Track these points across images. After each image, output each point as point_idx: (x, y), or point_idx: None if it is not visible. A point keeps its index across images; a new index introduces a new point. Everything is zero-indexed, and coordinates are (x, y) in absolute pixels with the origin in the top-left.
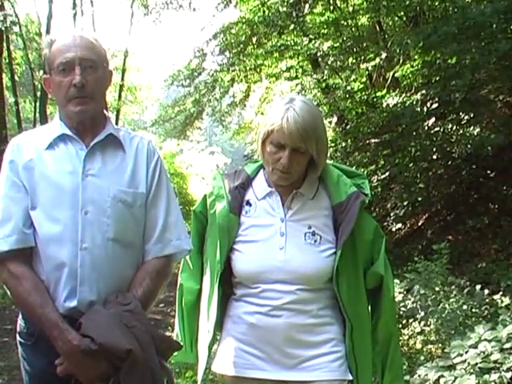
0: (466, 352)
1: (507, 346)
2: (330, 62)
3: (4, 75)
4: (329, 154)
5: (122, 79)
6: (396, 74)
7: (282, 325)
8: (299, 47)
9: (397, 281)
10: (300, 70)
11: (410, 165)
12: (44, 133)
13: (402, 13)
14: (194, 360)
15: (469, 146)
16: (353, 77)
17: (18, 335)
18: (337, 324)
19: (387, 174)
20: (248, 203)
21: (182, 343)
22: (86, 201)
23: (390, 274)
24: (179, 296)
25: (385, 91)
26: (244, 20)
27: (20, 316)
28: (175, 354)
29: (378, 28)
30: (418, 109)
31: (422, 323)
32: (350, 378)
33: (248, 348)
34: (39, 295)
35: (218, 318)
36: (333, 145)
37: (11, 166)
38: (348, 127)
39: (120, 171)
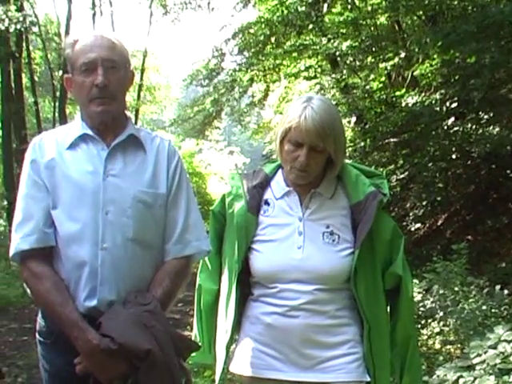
0: (485, 352)
1: None
2: (348, 62)
3: (23, 75)
4: (347, 154)
5: (141, 79)
6: (415, 73)
7: (298, 325)
8: (318, 47)
9: (416, 281)
10: (319, 70)
11: (429, 164)
12: (65, 132)
13: (421, 12)
14: (212, 361)
15: (488, 145)
16: (371, 76)
17: (37, 334)
18: (355, 325)
19: (406, 173)
20: (266, 202)
21: (200, 344)
22: (106, 201)
23: (409, 275)
24: (197, 297)
25: (404, 91)
26: (262, 20)
27: (39, 315)
28: (193, 354)
29: (396, 27)
30: (437, 108)
31: (441, 323)
32: (368, 379)
33: (265, 348)
34: (59, 294)
35: (235, 318)
36: (352, 144)
37: (33, 165)
38: (367, 127)
39: (141, 172)
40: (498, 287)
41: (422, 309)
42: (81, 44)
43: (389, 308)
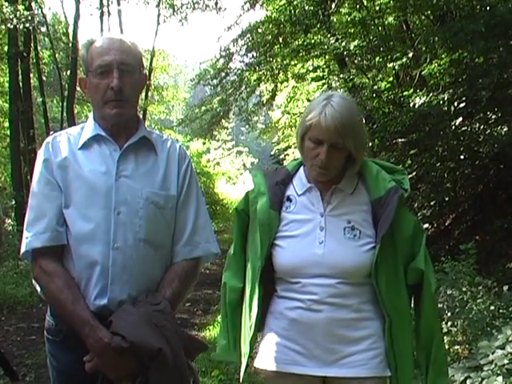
0: (493, 353)
1: None
2: (356, 62)
3: (31, 75)
4: None
5: (149, 79)
6: (423, 73)
7: (322, 319)
8: (326, 46)
9: None
10: (327, 70)
11: (438, 164)
12: (78, 132)
13: (429, 11)
14: (237, 359)
15: (496, 145)
16: (379, 76)
17: (45, 332)
18: (377, 319)
19: (414, 173)
20: (288, 199)
21: (207, 344)
22: (118, 201)
23: (431, 269)
24: (223, 295)
25: (412, 90)
26: (270, 19)
27: (48, 313)
28: (219, 352)
29: (404, 27)
30: (445, 108)
31: (449, 324)
32: (389, 374)
33: (289, 343)
34: (71, 292)
35: (258, 315)
36: None
37: (46, 164)
38: (375, 127)
39: (152, 173)
40: (506, 287)
41: None
42: (97, 46)
43: (412, 303)
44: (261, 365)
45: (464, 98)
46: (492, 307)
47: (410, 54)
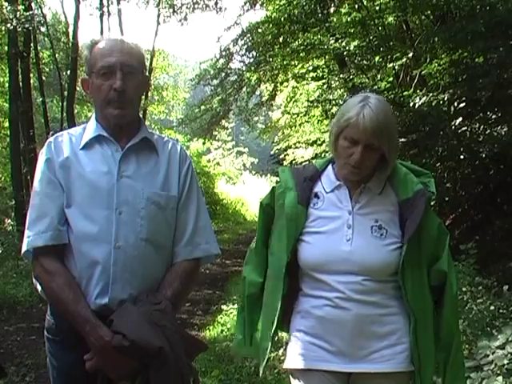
0: (493, 353)
1: None
2: (356, 62)
3: (31, 75)
4: None
5: (149, 79)
6: (423, 73)
7: (350, 317)
8: (325, 46)
9: None
10: (327, 70)
11: (437, 164)
12: (80, 133)
13: (429, 11)
14: (255, 353)
15: (496, 145)
16: (379, 76)
17: (45, 331)
18: (401, 314)
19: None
20: (316, 195)
21: (208, 345)
22: (120, 201)
23: (454, 272)
24: (242, 289)
25: (411, 90)
26: (270, 19)
27: (48, 312)
28: (236, 347)
29: (404, 27)
30: (445, 108)
31: None
32: (413, 368)
33: (317, 341)
34: (72, 291)
35: (281, 310)
36: None
37: (48, 163)
38: None
39: (153, 174)
40: (506, 287)
41: None
42: (100, 47)
43: (434, 305)
44: (290, 364)
45: (464, 98)
46: (492, 307)
47: (410, 54)
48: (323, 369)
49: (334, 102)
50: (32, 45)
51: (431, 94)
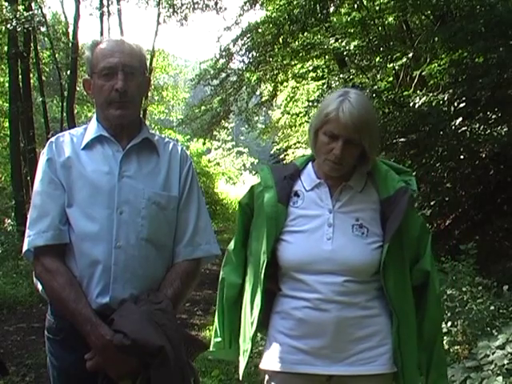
0: (493, 353)
1: None
2: (356, 62)
3: (31, 75)
4: None
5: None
6: (423, 73)
7: (331, 319)
8: (325, 46)
9: None
10: (326, 70)
11: (437, 164)
12: (81, 133)
13: (429, 11)
14: (234, 357)
15: (496, 145)
16: (379, 76)
17: (46, 331)
18: (383, 315)
19: (414, 173)
20: (296, 194)
21: (207, 344)
22: (121, 201)
23: (436, 271)
24: (220, 290)
25: (411, 90)
26: (270, 19)
27: (49, 312)
28: (213, 350)
29: (404, 27)
30: (445, 108)
31: (449, 324)
32: (396, 370)
33: (297, 343)
34: (73, 290)
35: (261, 311)
36: None
37: (49, 163)
38: None
39: (154, 174)
40: (505, 287)
41: None
42: (102, 48)
43: (415, 304)
44: (267, 366)
45: (464, 98)
46: (492, 307)
47: (410, 54)
48: (302, 372)
49: None
50: (32, 45)
51: (431, 94)
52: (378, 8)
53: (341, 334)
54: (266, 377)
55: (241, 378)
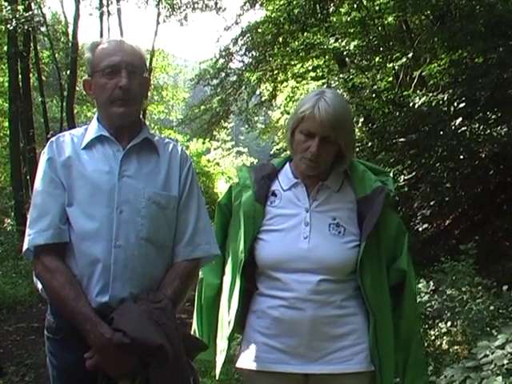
0: (493, 353)
1: None
2: (356, 62)
3: (31, 75)
4: (355, 154)
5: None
6: (423, 73)
7: (306, 318)
8: (325, 46)
9: (423, 281)
10: (326, 70)
11: (437, 165)
12: (81, 133)
13: (429, 11)
14: (211, 357)
15: (496, 145)
16: (379, 76)
17: (45, 330)
18: (360, 314)
19: (414, 173)
20: (273, 193)
21: (206, 344)
22: (121, 200)
23: (413, 270)
24: (199, 291)
25: (411, 90)
26: (270, 19)
27: (48, 311)
28: None
29: (404, 27)
30: (445, 108)
31: (449, 324)
32: (373, 368)
33: (272, 342)
34: (73, 289)
35: (238, 311)
36: (359, 144)
37: (49, 163)
38: (374, 127)
39: (154, 174)
40: (505, 287)
41: (429, 309)
42: (103, 47)
43: (393, 304)
44: (243, 364)
45: (463, 98)
46: (492, 307)
47: (410, 54)
48: (279, 371)
49: None
50: (32, 45)
51: (431, 94)
52: (377, 8)
53: (316, 333)
54: (244, 377)
55: (217, 377)
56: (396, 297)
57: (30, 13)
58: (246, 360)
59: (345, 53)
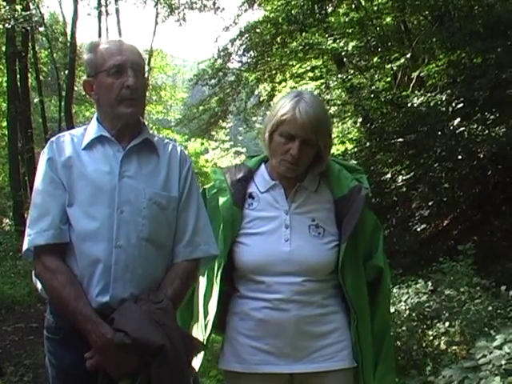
0: (491, 353)
1: None
2: (354, 62)
3: (29, 75)
4: (354, 154)
5: (147, 79)
6: (421, 74)
7: (290, 318)
8: (324, 47)
9: (421, 281)
10: (325, 70)
11: (436, 165)
12: (81, 133)
13: (427, 12)
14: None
15: (494, 145)
16: (377, 76)
17: (45, 330)
18: (341, 312)
19: (412, 174)
20: (251, 196)
21: (206, 344)
22: (122, 201)
23: (388, 267)
24: None
25: (410, 91)
26: (268, 19)
27: (48, 311)
28: None
29: (402, 27)
30: (443, 108)
31: (447, 324)
32: (355, 364)
33: (257, 344)
34: (73, 289)
35: (217, 313)
36: (358, 144)
37: (50, 163)
38: (373, 127)
39: (155, 175)
40: (503, 288)
41: (427, 309)
42: (106, 47)
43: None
44: (227, 366)
45: (462, 99)
46: (490, 307)
47: (408, 55)
48: (265, 372)
49: (332, 102)
50: (30, 44)
51: (429, 95)
52: (376, 8)
53: (300, 333)
54: (227, 379)
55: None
56: (371, 292)
57: (29, 12)
58: (230, 362)
59: (343, 53)
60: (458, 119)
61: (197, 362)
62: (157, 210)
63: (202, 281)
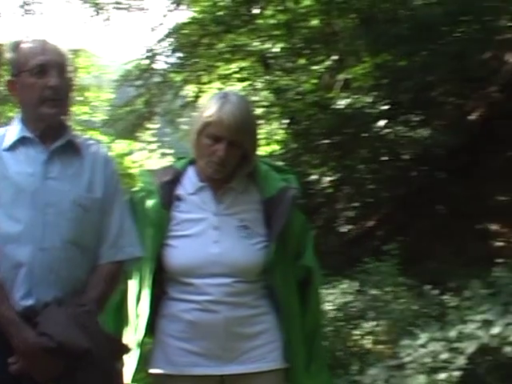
0: (416, 352)
1: (456, 345)
2: (281, 63)
3: None
4: (280, 155)
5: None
6: (347, 76)
7: (221, 320)
8: (250, 48)
9: (347, 281)
10: (252, 71)
11: (361, 166)
12: (3, 134)
13: (354, 15)
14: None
15: (418, 147)
16: (304, 78)
17: None
18: (272, 313)
19: (338, 175)
20: (178, 198)
21: (130, 347)
22: (46, 203)
23: (318, 266)
24: None
25: (335, 92)
26: (196, 20)
27: None
28: None
29: (329, 30)
30: (369, 110)
31: (373, 323)
32: (287, 365)
33: (187, 346)
34: None
35: (150, 317)
36: (284, 146)
37: None
38: (299, 129)
39: (78, 176)
40: (427, 287)
41: (353, 309)
42: (30, 46)
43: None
44: (156, 370)
45: (387, 101)
46: (415, 307)
47: (335, 57)
48: (195, 374)
49: (259, 103)
50: None
51: (355, 97)
52: (303, 11)
53: (231, 334)
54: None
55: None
56: (301, 292)
57: None
58: (160, 365)
59: (269, 55)
60: (384, 121)
61: (130, 366)
62: (81, 212)
63: (133, 284)
